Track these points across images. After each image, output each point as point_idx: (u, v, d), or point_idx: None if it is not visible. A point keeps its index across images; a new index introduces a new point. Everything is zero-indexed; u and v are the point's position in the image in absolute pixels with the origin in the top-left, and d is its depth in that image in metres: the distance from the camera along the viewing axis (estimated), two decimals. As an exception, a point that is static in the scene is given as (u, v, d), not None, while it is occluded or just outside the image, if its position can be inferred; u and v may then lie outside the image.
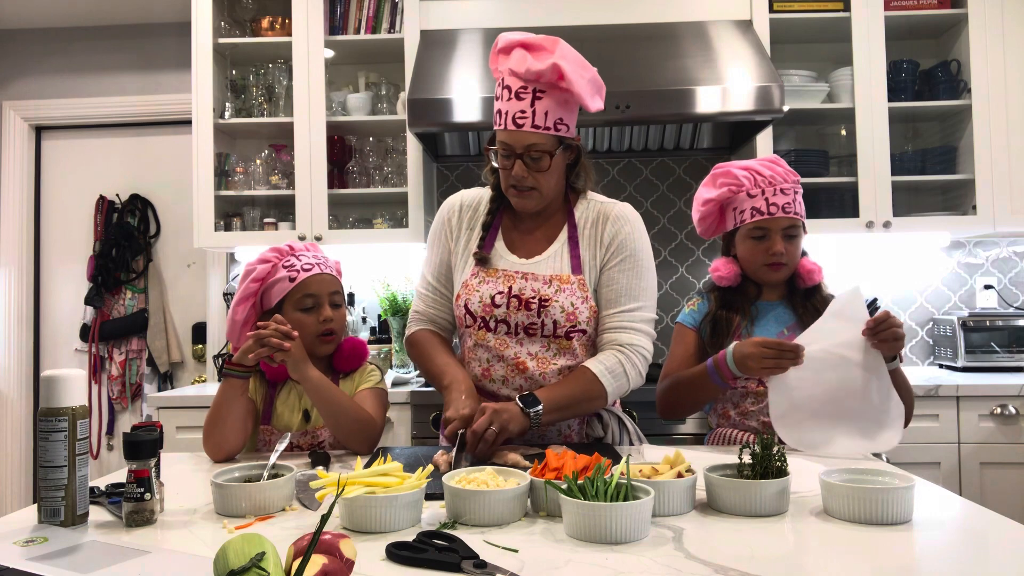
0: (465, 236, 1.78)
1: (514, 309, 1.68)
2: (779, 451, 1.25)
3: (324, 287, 1.77)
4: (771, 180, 1.84)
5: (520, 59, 1.60)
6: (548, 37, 1.63)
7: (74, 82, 3.72)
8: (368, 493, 1.14)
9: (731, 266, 1.90)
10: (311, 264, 1.77)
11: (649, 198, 3.45)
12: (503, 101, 1.63)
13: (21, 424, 3.73)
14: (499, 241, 1.76)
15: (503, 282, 1.70)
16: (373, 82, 3.32)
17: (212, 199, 3.17)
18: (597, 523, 1.07)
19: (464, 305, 1.72)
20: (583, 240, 1.72)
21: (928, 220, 3.14)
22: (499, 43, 1.67)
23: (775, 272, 1.86)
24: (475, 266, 1.74)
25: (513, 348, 1.69)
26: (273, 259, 1.78)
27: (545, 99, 1.60)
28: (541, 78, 1.58)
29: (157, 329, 3.64)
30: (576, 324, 1.67)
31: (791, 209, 1.83)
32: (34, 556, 1.06)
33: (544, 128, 1.60)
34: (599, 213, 1.74)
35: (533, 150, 1.62)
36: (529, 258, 1.73)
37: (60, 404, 1.22)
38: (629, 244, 1.71)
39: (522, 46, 1.63)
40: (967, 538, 1.16)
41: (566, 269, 1.70)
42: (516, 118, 1.60)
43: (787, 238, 1.84)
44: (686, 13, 3.11)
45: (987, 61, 3.05)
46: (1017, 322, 3.04)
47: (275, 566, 0.84)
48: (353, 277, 3.44)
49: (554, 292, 1.67)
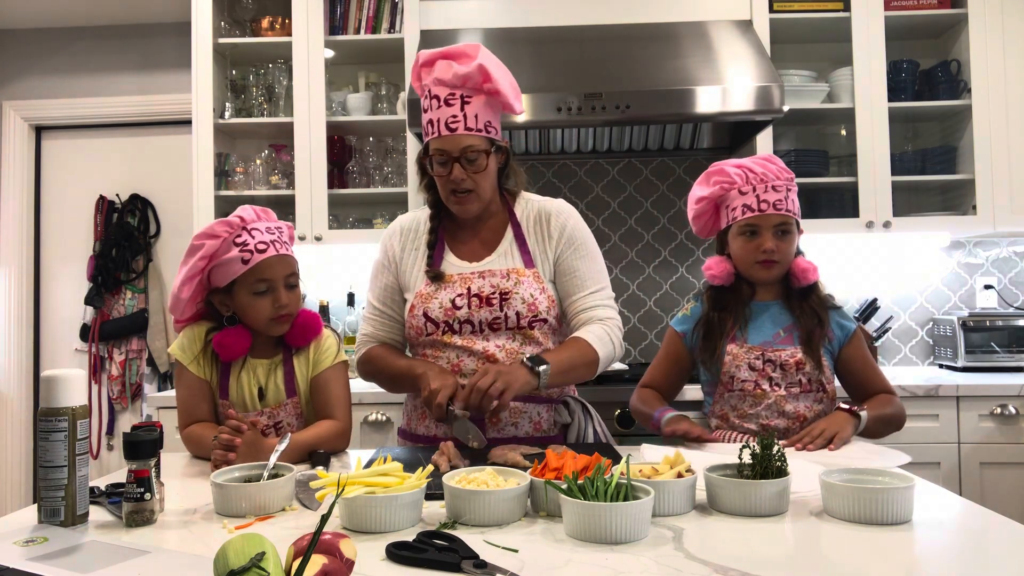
0: (411, 257, 1.83)
1: (476, 308, 1.73)
2: (779, 451, 1.25)
3: (280, 270, 1.67)
4: (763, 177, 1.83)
5: (445, 67, 1.68)
6: (468, 44, 1.71)
7: (74, 82, 3.72)
8: (368, 493, 1.14)
9: (724, 265, 1.90)
10: (265, 243, 1.65)
11: (649, 198, 3.44)
12: (432, 111, 1.69)
13: (21, 424, 3.73)
14: (447, 253, 1.81)
15: (460, 285, 1.75)
16: (373, 82, 3.32)
17: (212, 199, 3.17)
18: (597, 523, 1.07)
19: (423, 313, 1.75)
20: (529, 236, 1.80)
21: (928, 220, 3.13)
22: (420, 59, 1.74)
23: (767, 270, 1.84)
24: (429, 281, 1.77)
25: (480, 344, 1.73)
26: (223, 234, 1.64)
27: (473, 103, 1.67)
28: (468, 81, 1.66)
29: (157, 329, 3.64)
30: (537, 314, 1.73)
31: (783, 206, 1.82)
32: (34, 556, 1.06)
33: (476, 130, 1.68)
34: (539, 210, 1.82)
35: (469, 151, 1.68)
36: (479, 261, 1.78)
37: (60, 404, 1.22)
38: (578, 235, 1.79)
39: (444, 56, 1.71)
40: (967, 538, 1.16)
41: (519, 263, 1.77)
42: (449, 123, 1.67)
43: (779, 235, 1.83)
44: (686, 13, 3.11)
45: (987, 61, 3.05)
46: (1017, 322, 3.03)
47: (275, 566, 0.84)
48: (353, 277, 3.44)
49: (513, 285, 1.73)
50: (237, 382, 1.72)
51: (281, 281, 1.67)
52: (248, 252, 1.63)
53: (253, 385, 1.72)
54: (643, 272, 3.42)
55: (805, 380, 1.82)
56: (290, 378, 1.73)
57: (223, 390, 1.72)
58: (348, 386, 1.80)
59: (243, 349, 1.69)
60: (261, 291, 1.65)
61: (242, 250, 1.63)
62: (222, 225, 1.65)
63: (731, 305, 1.88)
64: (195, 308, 1.73)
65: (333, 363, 1.76)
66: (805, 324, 1.84)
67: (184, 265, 1.66)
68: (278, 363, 1.74)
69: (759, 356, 1.83)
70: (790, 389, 1.81)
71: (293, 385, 1.73)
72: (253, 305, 1.66)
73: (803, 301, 1.87)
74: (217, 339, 1.68)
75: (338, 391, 1.75)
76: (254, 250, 1.64)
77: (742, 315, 1.87)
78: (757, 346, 1.84)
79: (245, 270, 1.64)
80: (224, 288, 1.67)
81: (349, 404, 1.78)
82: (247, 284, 1.65)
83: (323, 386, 1.74)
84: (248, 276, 1.64)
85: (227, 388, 1.72)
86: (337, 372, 1.77)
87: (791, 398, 1.81)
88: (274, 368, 1.73)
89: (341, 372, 1.78)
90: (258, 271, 1.64)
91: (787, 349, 1.83)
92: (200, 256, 1.63)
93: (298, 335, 1.73)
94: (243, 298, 1.66)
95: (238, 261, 1.63)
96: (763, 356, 1.83)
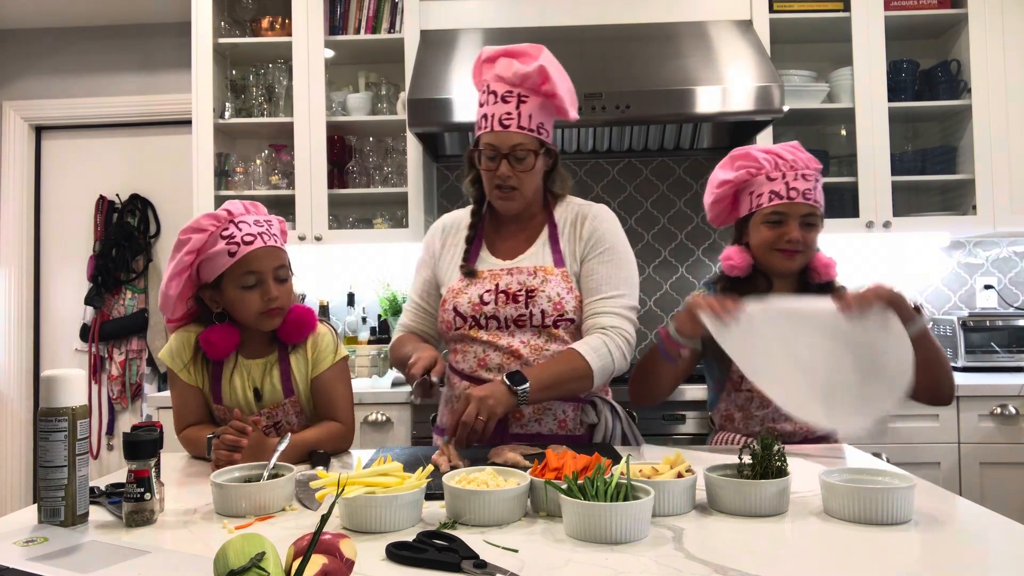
0: (449, 253, 1.85)
1: (502, 304, 1.73)
2: (779, 451, 1.25)
3: (268, 262, 1.62)
4: (793, 164, 1.75)
5: (506, 65, 1.70)
6: (532, 45, 1.72)
7: (74, 82, 3.72)
8: (368, 493, 1.14)
9: (744, 255, 1.80)
10: (252, 235, 1.60)
11: (649, 198, 3.44)
12: (488, 106, 1.71)
13: (21, 424, 3.73)
14: (483, 250, 1.82)
15: (489, 281, 1.76)
16: (373, 82, 3.32)
17: (212, 199, 3.17)
18: (597, 523, 1.06)
19: (453, 308, 1.76)
20: (563, 238, 1.79)
21: (928, 220, 3.14)
22: (483, 55, 1.76)
23: (788, 260, 1.75)
24: (462, 277, 1.78)
25: (505, 339, 1.74)
26: (210, 227, 1.60)
27: (529, 103, 1.69)
28: (526, 81, 1.68)
29: (157, 329, 3.64)
30: (563, 313, 1.72)
31: (812, 196, 1.74)
32: (34, 556, 1.06)
33: (528, 129, 1.69)
34: (578, 214, 1.81)
35: (519, 149, 1.69)
36: (511, 258, 1.79)
37: (60, 404, 1.22)
38: (608, 238, 1.77)
39: (507, 54, 1.73)
40: (967, 538, 1.16)
41: (548, 262, 1.77)
42: (502, 119, 1.68)
43: (805, 226, 1.74)
44: (686, 13, 3.11)
45: (987, 61, 3.05)
46: (1017, 322, 3.03)
47: (275, 566, 0.84)
48: (353, 277, 3.44)
49: (540, 283, 1.73)
50: (230, 385, 1.68)
51: (270, 274, 1.62)
52: (235, 244, 1.59)
53: (248, 387, 1.69)
54: (643, 272, 3.42)
55: None
56: (286, 376, 1.70)
57: (216, 395, 1.69)
58: (350, 384, 1.79)
59: (230, 347, 1.66)
60: (249, 284, 1.61)
61: (229, 242, 1.59)
62: (208, 219, 1.61)
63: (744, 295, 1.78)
64: (185, 307, 1.69)
65: (334, 361, 1.74)
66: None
67: (171, 261, 1.62)
68: (273, 362, 1.71)
69: None
70: None
71: (290, 384, 1.70)
72: (242, 299, 1.61)
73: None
74: (203, 336, 1.65)
75: (340, 391, 1.74)
76: (241, 242, 1.59)
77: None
78: None
79: (232, 263, 1.59)
80: (212, 283, 1.63)
81: (351, 404, 1.76)
82: (235, 277, 1.61)
83: (324, 386, 1.72)
84: (236, 269, 1.60)
85: (220, 392, 1.68)
86: (338, 371, 1.75)
87: None
88: (269, 367, 1.70)
89: (342, 371, 1.76)
90: (245, 263, 1.60)
91: None
92: (187, 251, 1.60)
93: (292, 331, 1.69)
94: (231, 292, 1.62)
95: (225, 254, 1.59)
96: None
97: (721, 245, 3.42)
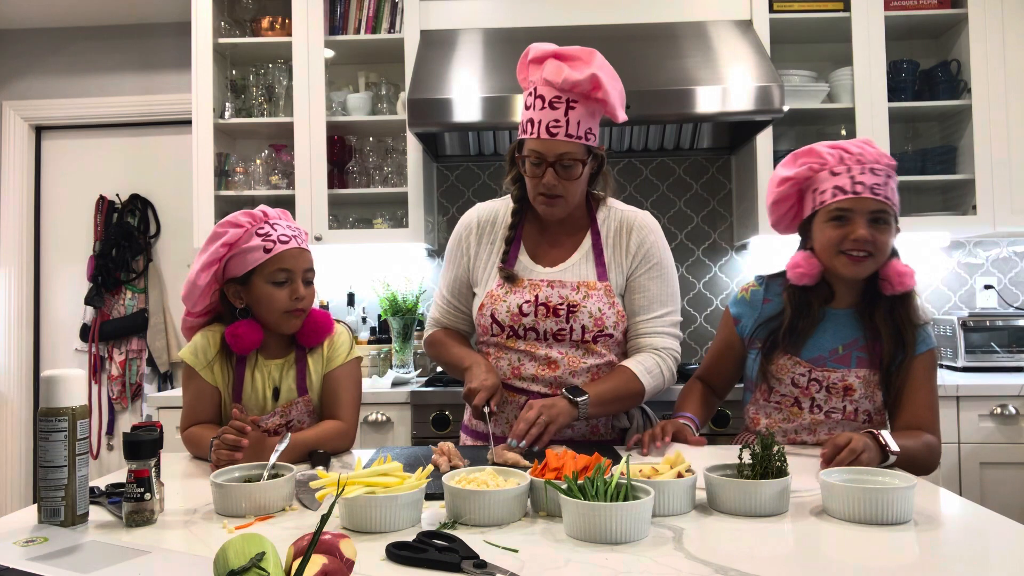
0: (486, 251, 1.81)
1: (542, 317, 1.71)
2: (779, 451, 1.25)
3: (300, 263, 1.68)
4: (860, 158, 1.58)
5: (556, 69, 1.62)
6: (583, 48, 1.66)
7: (74, 82, 3.72)
8: (368, 493, 1.14)
9: (812, 260, 1.62)
10: (287, 236, 1.67)
11: (649, 198, 3.44)
12: (535, 110, 1.64)
13: (21, 424, 3.73)
14: (522, 254, 1.78)
15: (529, 291, 1.73)
16: (373, 82, 3.32)
17: (212, 199, 3.17)
18: (597, 523, 1.07)
19: (491, 315, 1.74)
20: (607, 248, 1.76)
21: (928, 220, 3.13)
22: (530, 53, 1.68)
23: (855, 265, 1.57)
24: (501, 281, 1.76)
25: (543, 350, 1.73)
26: (246, 224, 1.66)
27: (578, 109, 1.62)
28: (577, 88, 1.61)
29: (157, 329, 3.64)
30: (603, 329, 1.71)
31: (881, 192, 1.55)
32: (34, 556, 1.06)
33: (576, 137, 1.63)
34: (621, 222, 1.77)
35: (566, 158, 1.65)
36: (553, 266, 1.76)
37: (60, 404, 1.22)
38: (655, 253, 1.76)
39: (556, 56, 1.65)
40: (967, 538, 1.16)
41: (592, 276, 1.74)
42: (550, 127, 1.62)
43: (874, 224, 1.56)
44: (686, 13, 3.11)
45: (987, 61, 3.05)
46: (1017, 322, 3.03)
47: (275, 566, 0.84)
48: (353, 277, 3.44)
49: (582, 298, 1.71)
50: (252, 383, 1.72)
51: (300, 274, 1.68)
52: (271, 242, 1.64)
53: (268, 386, 1.72)
54: (643, 272, 3.42)
55: (851, 408, 1.63)
56: (302, 376, 1.73)
57: (236, 393, 1.71)
58: (359, 384, 1.80)
59: (256, 342, 1.68)
60: (280, 281, 1.65)
61: (265, 239, 1.64)
62: (246, 215, 1.67)
63: (811, 311, 1.63)
64: (208, 300, 1.71)
65: (346, 359, 1.76)
66: (881, 346, 1.58)
67: (203, 252, 1.65)
68: (291, 363, 1.74)
69: (805, 373, 1.63)
70: (831, 415, 1.64)
71: (305, 383, 1.73)
72: (270, 295, 1.65)
73: (891, 313, 1.61)
74: (230, 330, 1.67)
75: (347, 390, 1.75)
76: (276, 240, 1.65)
77: (815, 322, 1.62)
78: (807, 361, 1.64)
79: (266, 258, 1.64)
80: (240, 278, 1.66)
81: (357, 404, 1.77)
82: (266, 273, 1.65)
83: (333, 383, 1.75)
84: (268, 265, 1.64)
85: (241, 391, 1.71)
86: (348, 370, 1.77)
87: (830, 424, 1.65)
88: (287, 368, 1.74)
89: (353, 370, 1.78)
90: (279, 260, 1.65)
91: (839, 371, 1.62)
92: (222, 243, 1.64)
93: (310, 334, 1.73)
94: (260, 288, 1.65)
95: (260, 249, 1.64)
96: (810, 374, 1.63)
97: (721, 246, 3.43)
